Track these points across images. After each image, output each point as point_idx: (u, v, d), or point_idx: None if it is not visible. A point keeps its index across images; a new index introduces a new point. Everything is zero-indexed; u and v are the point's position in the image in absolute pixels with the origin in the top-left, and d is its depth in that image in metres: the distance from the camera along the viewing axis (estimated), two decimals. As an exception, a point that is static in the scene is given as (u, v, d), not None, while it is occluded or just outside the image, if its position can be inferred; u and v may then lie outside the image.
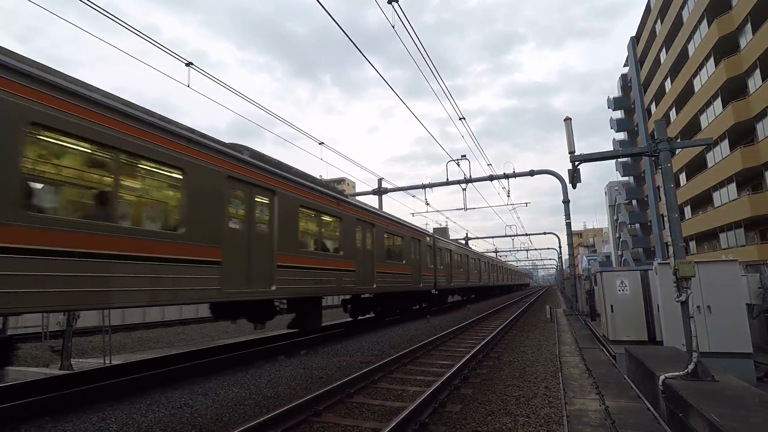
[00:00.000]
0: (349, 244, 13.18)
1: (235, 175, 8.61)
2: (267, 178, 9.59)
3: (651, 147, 7.45)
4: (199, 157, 7.76)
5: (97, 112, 6.13)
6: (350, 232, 13.31)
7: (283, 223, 9.99)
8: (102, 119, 6.19)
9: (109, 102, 6.32)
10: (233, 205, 8.62)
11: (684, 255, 6.77)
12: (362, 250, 14.02)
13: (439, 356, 10.54)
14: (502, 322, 17.29)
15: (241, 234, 8.75)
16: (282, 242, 9.91)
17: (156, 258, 6.80)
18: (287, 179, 10.35)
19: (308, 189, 11.27)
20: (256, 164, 9.28)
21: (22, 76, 5.39)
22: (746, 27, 27.22)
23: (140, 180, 6.97)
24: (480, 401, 6.53)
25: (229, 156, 8.48)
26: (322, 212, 11.99)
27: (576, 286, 24.57)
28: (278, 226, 9.82)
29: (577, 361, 9.37)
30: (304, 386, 7.58)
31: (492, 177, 23.81)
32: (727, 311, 9.26)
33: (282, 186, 10.09)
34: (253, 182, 9.13)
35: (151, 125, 6.92)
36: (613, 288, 12.01)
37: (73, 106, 5.85)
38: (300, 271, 10.59)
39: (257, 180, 9.24)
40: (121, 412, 5.94)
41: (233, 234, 8.50)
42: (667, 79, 39.95)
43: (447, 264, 24.33)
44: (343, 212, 13.04)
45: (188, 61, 9.35)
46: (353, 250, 13.38)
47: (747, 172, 27.46)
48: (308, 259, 11.02)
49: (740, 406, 4.98)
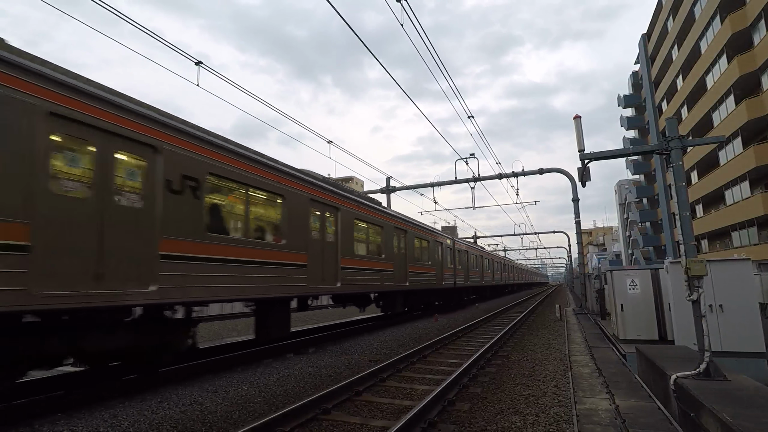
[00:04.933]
0: (389, 248, 15.34)
1: (315, 198, 10.92)
2: (334, 197, 11.89)
3: (662, 145, 7.37)
4: (293, 186, 10.00)
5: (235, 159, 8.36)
6: (389, 238, 15.46)
7: (343, 232, 12.23)
8: (238, 164, 8.39)
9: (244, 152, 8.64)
10: (312, 220, 10.82)
11: (695, 254, 6.70)
12: (398, 254, 16.14)
13: (447, 355, 10.52)
14: (510, 321, 17.22)
15: (319, 243, 11.02)
16: (343, 248, 12.14)
17: (273, 263, 9.13)
18: (346, 198, 12.70)
19: (360, 204, 13.55)
20: (327, 188, 11.60)
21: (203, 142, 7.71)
22: (760, 23, 26.83)
23: (261, 206, 9.25)
24: (489, 400, 6.51)
25: (309, 183, 10.71)
26: (369, 222, 14.18)
27: (586, 285, 24.41)
28: (341, 236, 12.06)
29: (586, 360, 9.31)
30: (312, 384, 7.61)
31: (501, 175, 23.71)
32: (739, 310, 9.16)
33: (343, 203, 12.42)
34: (326, 202, 11.41)
35: (265, 165, 9.12)
36: (624, 287, 11.92)
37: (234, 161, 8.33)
38: (355, 272, 12.87)
39: (328, 200, 11.52)
40: (132, 409, 6.00)
41: (313, 243, 10.74)
42: (678, 76, 39.52)
43: (464, 264, 26.19)
44: (384, 221, 15.25)
45: (197, 60, 9.41)
46: (392, 253, 15.51)
47: (760, 170, 27.09)
48: (361, 261, 13.36)
49: (753, 406, 4.92)
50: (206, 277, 7.43)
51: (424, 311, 21.06)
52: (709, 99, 33.22)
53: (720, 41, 30.45)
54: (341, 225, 12.07)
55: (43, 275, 5.25)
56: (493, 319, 19.00)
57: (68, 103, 5.69)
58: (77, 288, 5.58)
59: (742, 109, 28.02)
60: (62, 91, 5.63)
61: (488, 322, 17.98)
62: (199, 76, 9.78)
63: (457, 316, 20.33)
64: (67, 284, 5.48)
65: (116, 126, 6.23)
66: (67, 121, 5.68)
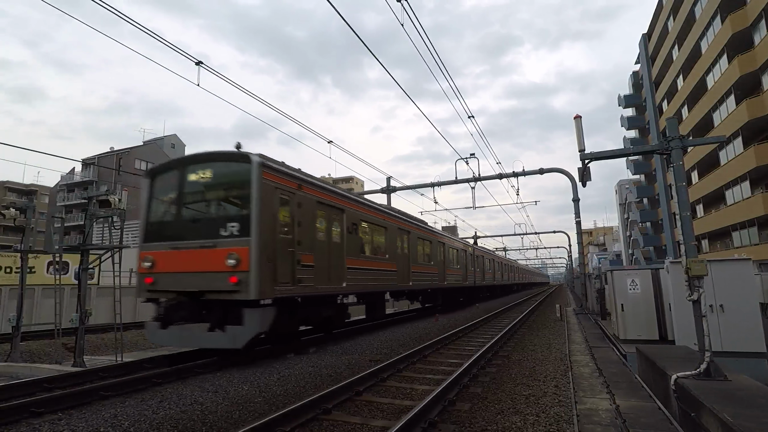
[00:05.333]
0: (434, 257, 20.55)
1: (400, 227, 16.34)
2: (409, 226, 17.40)
3: (663, 145, 7.37)
4: (390, 220, 15.51)
5: (378, 212, 14.70)
6: (434, 250, 20.63)
7: (411, 248, 17.32)
8: (369, 212, 13.86)
9: (375, 205, 14.88)
10: (398, 241, 16.12)
11: (696, 253, 6.69)
12: (438, 261, 21.13)
13: (447, 355, 10.52)
14: (511, 321, 17.21)
15: (402, 256, 16.23)
16: (412, 259, 17.39)
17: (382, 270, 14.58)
18: (415, 224, 18.47)
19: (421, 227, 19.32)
20: (405, 219, 17.19)
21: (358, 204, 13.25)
22: (760, 23, 26.80)
23: (377, 235, 14.58)
24: (489, 400, 6.51)
25: (397, 217, 16.41)
26: (424, 240, 19.26)
27: (586, 285, 24.40)
28: (410, 251, 17.19)
29: (587, 360, 9.30)
30: (313, 384, 7.61)
31: (501, 175, 23.70)
32: (740, 310, 9.15)
33: (413, 229, 18.01)
34: (403, 229, 16.72)
35: (378, 210, 14.77)
36: (624, 287, 11.91)
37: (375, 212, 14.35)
38: (419, 275, 17.97)
39: (404, 227, 16.81)
40: (133, 408, 6.00)
41: (399, 257, 15.97)
42: (679, 76, 39.48)
43: (480, 267, 30.87)
44: (433, 238, 20.58)
45: (198, 60, 9.42)
46: (435, 260, 20.71)
47: (760, 170, 27.07)
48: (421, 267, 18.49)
49: (753, 406, 4.92)
50: (362, 278, 12.85)
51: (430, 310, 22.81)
52: (709, 99, 33.20)
53: (720, 41, 30.42)
54: (410, 243, 17.37)
55: (317, 279, 10.31)
56: (493, 319, 18.99)
57: (321, 195, 10.99)
58: (326, 284, 10.78)
59: (743, 109, 27.99)
60: (320, 191, 10.97)
61: (488, 322, 17.98)
62: (199, 76, 9.78)
63: (458, 316, 20.32)
64: (323, 282, 10.62)
65: (334, 203, 11.61)
66: (321, 204, 10.92)
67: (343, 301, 12.48)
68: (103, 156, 56.08)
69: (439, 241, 21.28)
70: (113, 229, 10.68)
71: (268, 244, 8.56)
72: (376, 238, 14.46)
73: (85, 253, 10.30)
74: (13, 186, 71.81)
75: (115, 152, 55.81)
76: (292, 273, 9.26)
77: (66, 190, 55.90)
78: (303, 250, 9.77)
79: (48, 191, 65.91)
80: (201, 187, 9.25)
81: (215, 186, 9.18)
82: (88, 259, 10.40)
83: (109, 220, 10.74)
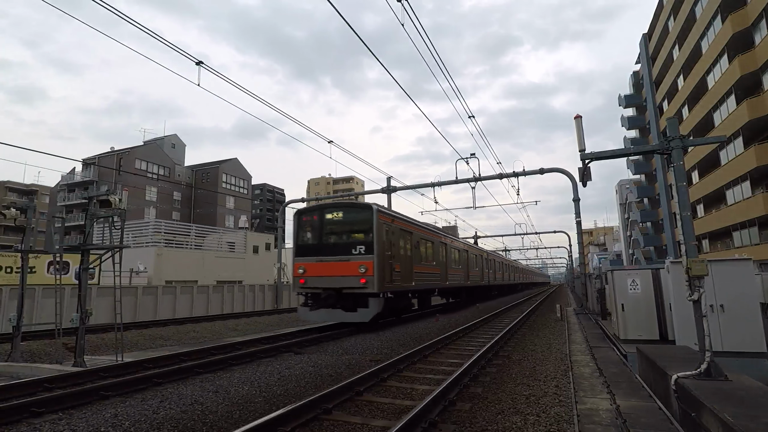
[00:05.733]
0: (461, 260, 24.91)
1: (442, 241, 20.97)
2: (444, 238, 21.67)
3: (663, 144, 7.36)
4: (435, 236, 19.96)
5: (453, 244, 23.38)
6: (461, 255, 24.94)
7: (447, 256, 21.69)
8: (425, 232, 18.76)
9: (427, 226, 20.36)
10: (440, 251, 20.49)
11: (696, 253, 6.69)
12: (466, 264, 25.91)
13: (448, 354, 10.52)
14: (511, 321, 17.21)
15: (441, 263, 20.53)
16: (448, 265, 21.67)
17: (433, 273, 19.06)
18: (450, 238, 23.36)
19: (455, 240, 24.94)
20: (442, 234, 21.91)
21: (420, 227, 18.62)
22: (761, 23, 26.77)
23: (430, 247, 18.97)
24: (490, 400, 6.51)
25: (441, 233, 21.49)
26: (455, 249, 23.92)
27: (587, 285, 24.39)
28: (446, 258, 21.49)
29: (587, 360, 9.30)
30: (313, 384, 7.61)
31: (502, 175, 23.70)
32: (740, 310, 9.14)
33: (449, 242, 22.48)
34: (443, 243, 21.15)
35: (430, 229, 19.76)
36: (625, 287, 11.90)
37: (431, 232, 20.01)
38: (452, 276, 22.41)
39: (442, 240, 20.98)
40: (133, 408, 6.00)
41: (441, 263, 20.38)
42: (679, 76, 39.44)
43: (493, 268, 35.97)
44: (461, 246, 25.74)
45: (198, 60, 9.42)
46: (464, 263, 25.30)
47: (761, 169, 27.04)
48: (454, 270, 22.95)
49: (754, 406, 4.92)
50: (421, 279, 17.24)
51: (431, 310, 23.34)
52: (710, 99, 33.16)
53: (721, 41, 30.39)
54: (447, 252, 21.62)
55: (402, 280, 15.07)
56: (493, 319, 18.99)
57: (402, 224, 15.67)
58: (406, 284, 15.58)
59: (743, 108, 27.96)
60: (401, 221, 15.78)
61: (489, 322, 17.97)
62: (200, 76, 9.79)
63: (458, 316, 20.32)
64: (404, 282, 15.35)
65: (407, 228, 16.23)
66: (402, 230, 15.56)
67: (410, 295, 17.50)
68: (104, 156, 56.13)
69: (464, 249, 26.44)
70: (114, 229, 10.67)
71: (382, 259, 13.69)
72: (428, 250, 18.94)
73: (86, 253, 10.29)
74: (13, 186, 71.87)
75: (115, 152, 55.85)
76: (391, 277, 14.31)
77: (66, 190, 55.92)
78: (395, 261, 14.73)
79: (48, 191, 65.94)
80: (336, 223, 14.56)
81: (347, 223, 14.45)
82: (89, 259, 10.39)
83: (110, 220, 10.73)
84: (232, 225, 58.87)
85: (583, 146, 8.33)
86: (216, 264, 32.38)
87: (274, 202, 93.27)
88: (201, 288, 24.45)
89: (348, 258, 13.65)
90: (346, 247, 13.91)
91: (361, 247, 13.63)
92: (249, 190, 70.08)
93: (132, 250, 27.52)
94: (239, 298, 26.48)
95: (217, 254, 33.40)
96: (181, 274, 28.65)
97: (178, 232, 34.51)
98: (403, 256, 15.67)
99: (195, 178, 63.76)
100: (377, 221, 13.79)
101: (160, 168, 57.76)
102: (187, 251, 31.66)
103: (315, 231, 14.69)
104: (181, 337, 15.24)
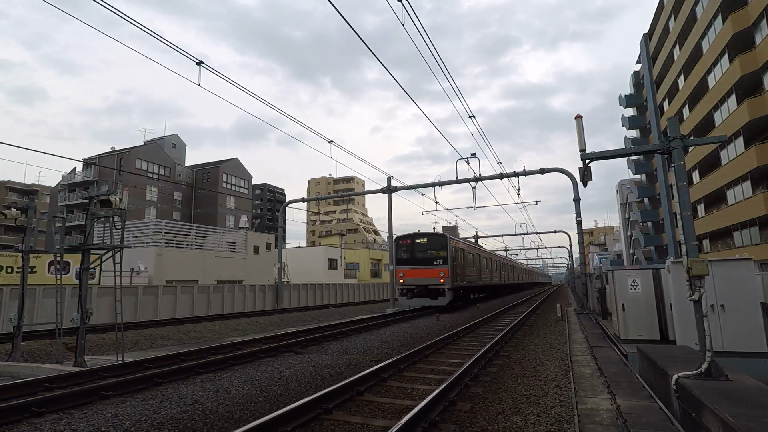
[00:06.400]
0: (490, 265, 32.78)
1: (479, 253, 29.91)
2: (479, 251, 30.30)
3: (664, 144, 7.35)
4: (477, 251, 29.77)
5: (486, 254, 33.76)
6: (489, 262, 32.62)
7: (481, 263, 29.56)
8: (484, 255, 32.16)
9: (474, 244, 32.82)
10: (483, 258, 30.55)
11: (697, 253, 6.68)
12: (491, 267, 33.48)
13: (448, 354, 10.52)
14: (511, 320, 17.21)
15: (482, 267, 30.07)
16: (480, 269, 29.37)
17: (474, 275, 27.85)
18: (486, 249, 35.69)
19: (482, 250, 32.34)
20: (479, 248, 32.23)
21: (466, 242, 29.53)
22: (762, 23, 26.74)
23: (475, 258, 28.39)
24: (490, 400, 6.51)
25: (480, 247, 34.15)
26: (485, 257, 31.36)
27: (587, 285, 24.37)
28: (480, 264, 29.14)
29: (588, 359, 9.30)
30: (314, 384, 7.61)
31: (502, 175, 23.69)
32: (741, 310, 9.13)
33: (484, 253, 32.06)
34: (480, 254, 30.35)
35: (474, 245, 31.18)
36: (625, 287, 11.89)
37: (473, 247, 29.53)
38: (488, 277, 31.66)
39: (478, 252, 29.82)
40: (134, 408, 6.01)
41: (482, 266, 30.09)
42: (680, 76, 39.39)
43: (505, 269, 42.90)
44: (489, 256, 34.26)
45: (199, 60, 9.42)
46: (492, 267, 33.65)
47: (762, 169, 27.02)
48: (484, 272, 30.36)
49: (755, 406, 4.91)
50: (469, 279, 25.77)
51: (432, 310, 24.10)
52: (710, 99, 33.12)
53: (722, 41, 30.36)
54: (484, 260, 30.05)
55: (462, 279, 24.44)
56: (494, 319, 18.98)
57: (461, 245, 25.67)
58: (464, 282, 24.77)
59: (744, 108, 27.93)
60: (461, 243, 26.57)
61: (489, 321, 17.97)
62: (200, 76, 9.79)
63: (459, 315, 20.32)
64: (463, 281, 24.37)
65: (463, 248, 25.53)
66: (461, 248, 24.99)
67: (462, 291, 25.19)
68: (104, 156, 56.14)
69: (492, 257, 36.32)
70: (114, 229, 10.67)
71: (453, 267, 21.80)
72: (475, 260, 28.22)
73: (86, 253, 10.29)
74: (14, 186, 71.89)
75: (116, 152, 55.86)
76: (456, 278, 22.39)
77: (67, 190, 55.93)
78: (458, 266, 23.01)
79: (49, 191, 65.94)
80: (423, 245, 22.86)
81: (429, 246, 22.67)
82: (89, 259, 10.39)
83: (110, 220, 10.73)
84: (232, 225, 58.85)
85: (584, 146, 8.32)
86: (216, 264, 32.37)
87: (275, 202, 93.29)
88: (201, 288, 24.45)
89: (432, 266, 21.96)
90: (430, 260, 22.18)
91: (439, 260, 21.91)
92: (249, 190, 70.09)
93: (132, 250, 27.51)
94: (240, 298, 26.49)
95: (217, 254, 33.39)
96: (181, 274, 28.65)
97: (179, 232, 34.49)
98: (461, 265, 23.97)
99: (195, 178, 63.77)
100: (449, 244, 22.12)
101: (161, 168, 57.78)
102: (188, 251, 31.65)
103: (409, 250, 23.08)
104: (181, 337, 15.25)
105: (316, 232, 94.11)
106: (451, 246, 22.22)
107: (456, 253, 22.88)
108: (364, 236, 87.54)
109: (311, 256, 48.62)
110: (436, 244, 22.50)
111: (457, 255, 23.02)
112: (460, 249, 24.35)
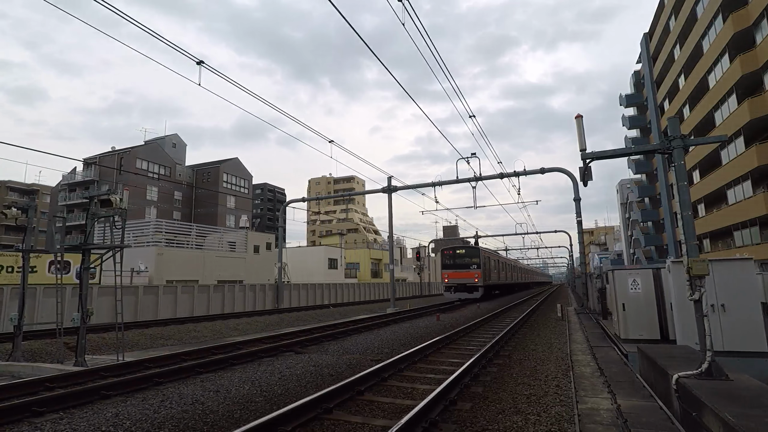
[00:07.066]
0: (509, 269, 44.63)
1: (499, 259, 40.46)
2: (499, 258, 40.22)
3: (664, 144, 7.35)
4: (497, 258, 39.56)
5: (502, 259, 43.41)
6: (509, 266, 44.21)
7: (499, 266, 38.29)
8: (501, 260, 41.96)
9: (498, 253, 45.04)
10: (503, 263, 42.16)
11: (697, 253, 6.68)
12: (509, 270, 44.39)
13: (449, 354, 10.52)
14: (512, 320, 17.21)
15: (502, 269, 40.60)
16: (501, 271, 39.86)
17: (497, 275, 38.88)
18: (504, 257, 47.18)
19: (500, 257, 42.02)
20: (499, 255, 43.23)
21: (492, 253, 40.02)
22: (762, 22, 26.73)
23: (504, 267, 42.27)
24: (490, 399, 6.51)
25: (499, 255, 44.01)
26: (503, 262, 41.82)
27: (587, 285, 24.37)
28: (500, 267, 38.66)
29: (588, 359, 9.30)
30: (314, 384, 7.61)
31: (502, 175, 23.69)
32: (741, 310, 9.13)
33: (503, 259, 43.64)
34: (506, 262, 44.69)
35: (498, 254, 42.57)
36: (626, 286, 11.88)
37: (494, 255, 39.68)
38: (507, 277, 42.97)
39: (501, 259, 41.59)
40: (134, 408, 6.01)
41: (503, 269, 40.92)
42: (680, 75, 39.38)
43: (516, 271, 50.22)
44: (507, 261, 45.65)
45: (199, 60, 9.42)
46: (509, 270, 44.05)
47: (762, 169, 27.01)
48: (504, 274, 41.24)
49: (755, 406, 4.91)
50: (495, 279, 35.93)
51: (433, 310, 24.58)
52: (711, 98, 33.11)
53: (722, 40, 30.35)
54: (500, 264, 38.41)
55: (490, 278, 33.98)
56: (494, 319, 18.99)
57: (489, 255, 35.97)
58: (491, 281, 34.03)
59: (744, 108, 27.92)
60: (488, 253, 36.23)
61: (489, 321, 17.97)
62: (200, 75, 9.79)
63: (459, 315, 20.32)
64: (490, 280, 33.74)
65: (489, 256, 35.31)
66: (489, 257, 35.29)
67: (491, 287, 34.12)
68: (105, 155, 56.17)
69: (507, 262, 44.81)
70: (114, 229, 10.67)
71: (484, 270, 31.00)
72: (496, 265, 35.79)
73: (87, 253, 10.30)
74: (14, 185, 71.89)
75: (116, 152, 55.87)
76: (486, 278, 31.25)
77: (67, 189, 55.96)
78: (486, 269, 31.78)
79: (49, 191, 65.95)
80: (461, 254, 31.99)
81: (467, 255, 31.81)
82: (90, 258, 10.39)
83: (111, 219, 10.73)
84: (232, 224, 58.87)
85: (584, 146, 8.32)
86: (217, 263, 32.38)
87: (275, 201, 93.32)
88: (202, 287, 24.45)
89: (468, 270, 30.66)
90: (467, 266, 30.85)
91: (474, 265, 30.56)
92: (249, 190, 70.10)
93: (133, 249, 27.51)
94: (240, 298, 26.49)
95: (217, 254, 33.39)
96: (181, 274, 28.66)
97: (179, 232, 34.50)
98: (488, 269, 32.27)
99: (196, 177, 63.79)
100: (481, 254, 31.18)
101: (161, 167, 57.80)
102: (188, 251, 31.66)
103: (451, 258, 31.85)
104: (181, 337, 15.25)
105: (317, 231, 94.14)
106: (482, 255, 31.49)
107: (485, 261, 31.81)
108: (365, 236, 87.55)
109: (311, 256, 48.67)
110: (472, 253, 31.58)
111: (485, 262, 31.91)
112: (487, 257, 33.44)
